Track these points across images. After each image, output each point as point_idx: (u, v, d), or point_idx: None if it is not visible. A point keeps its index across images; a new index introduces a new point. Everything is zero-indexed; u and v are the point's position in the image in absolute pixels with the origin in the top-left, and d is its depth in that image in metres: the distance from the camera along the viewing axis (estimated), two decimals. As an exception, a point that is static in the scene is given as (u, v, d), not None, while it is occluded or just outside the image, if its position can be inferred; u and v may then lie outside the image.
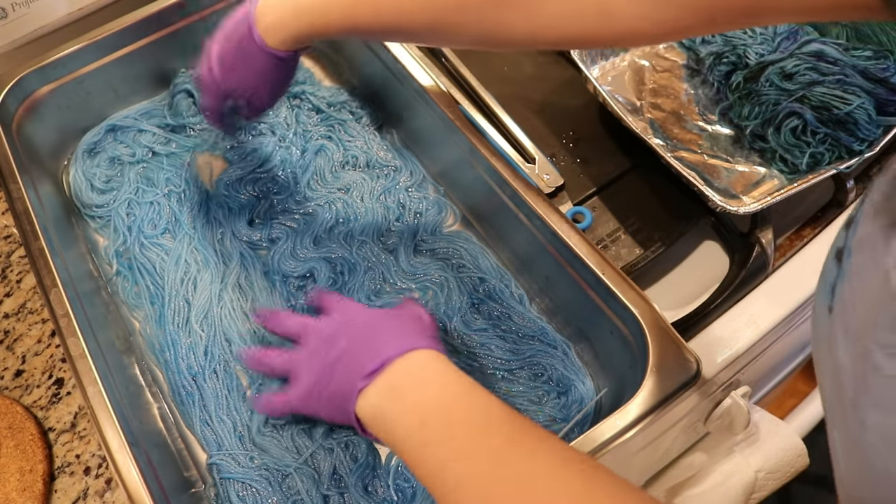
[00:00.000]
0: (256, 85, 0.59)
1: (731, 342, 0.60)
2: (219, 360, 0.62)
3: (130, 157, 0.74)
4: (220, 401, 0.60)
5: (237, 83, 0.59)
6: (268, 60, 0.57)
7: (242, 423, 0.59)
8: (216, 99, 0.61)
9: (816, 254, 0.65)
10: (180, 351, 0.62)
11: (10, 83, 0.69)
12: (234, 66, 0.58)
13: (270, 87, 0.60)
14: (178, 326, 0.64)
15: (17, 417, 0.59)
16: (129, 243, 0.68)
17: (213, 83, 0.60)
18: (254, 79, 0.58)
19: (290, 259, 0.67)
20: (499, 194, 0.64)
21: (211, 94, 0.61)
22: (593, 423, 0.52)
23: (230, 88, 0.60)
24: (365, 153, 0.75)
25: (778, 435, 0.74)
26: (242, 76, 0.58)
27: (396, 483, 0.57)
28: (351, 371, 0.46)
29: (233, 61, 0.58)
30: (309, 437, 0.58)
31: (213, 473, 0.57)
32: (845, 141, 0.63)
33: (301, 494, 0.56)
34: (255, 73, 0.58)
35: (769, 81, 0.66)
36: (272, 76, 0.59)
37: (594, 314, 0.59)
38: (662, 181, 0.67)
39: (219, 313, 0.64)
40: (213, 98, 0.61)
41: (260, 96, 0.60)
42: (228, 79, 0.59)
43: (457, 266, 0.67)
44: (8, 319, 0.65)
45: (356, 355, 0.47)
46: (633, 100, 0.73)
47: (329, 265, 0.67)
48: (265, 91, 0.60)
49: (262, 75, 0.58)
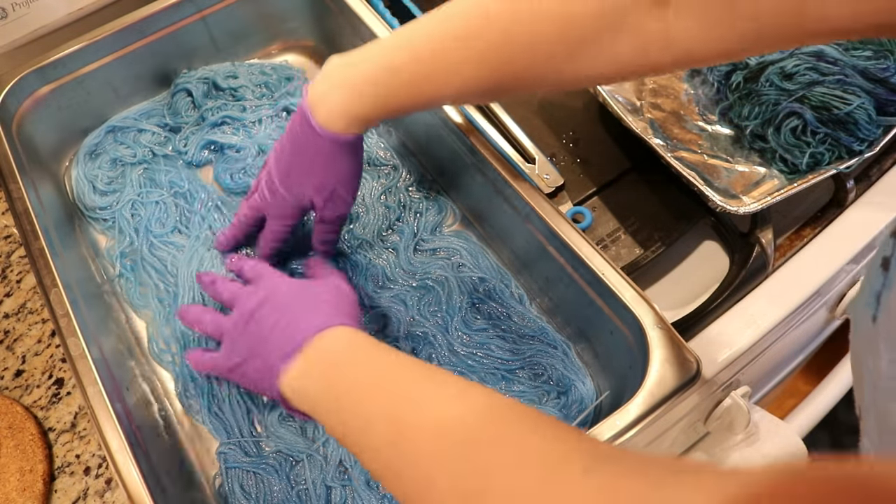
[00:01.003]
0: (329, 181, 0.56)
1: (731, 342, 0.60)
2: None
3: (132, 158, 0.74)
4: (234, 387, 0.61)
5: (308, 187, 0.56)
6: (333, 147, 0.54)
7: (257, 409, 0.60)
8: (288, 220, 0.58)
9: (816, 254, 0.65)
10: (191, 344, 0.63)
11: (10, 83, 0.69)
12: (299, 168, 0.55)
13: (344, 178, 0.56)
14: None
15: (17, 417, 0.59)
16: (137, 244, 0.68)
17: (282, 203, 0.57)
18: (325, 175, 0.55)
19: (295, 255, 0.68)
20: (499, 194, 0.64)
21: (279, 219, 0.58)
22: (593, 423, 0.52)
23: (303, 199, 0.56)
24: (365, 152, 0.75)
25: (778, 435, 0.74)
26: (311, 176, 0.55)
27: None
28: (271, 353, 0.47)
29: (297, 163, 0.55)
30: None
31: (220, 462, 0.58)
32: (845, 141, 0.63)
33: (307, 483, 0.57)
34: (324, 167, 0.55)
35: (769, 81, 0.66)
36: (343, 164, 0.55)
37: (594, 314, 0.59)
38: (662, 181, 0.67)
39: None
40: (284, 220, 0.58)
41: (338, 192, 0.57)
42: (298, 186, 0.56)
43: (457, 266, 0.67)
44: (8, 319, 0.65)
45: (276, 337, 0.48)
46: (633, 100, 0.73)
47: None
48: (340, 183, 0.56)
49: (332, 167, 0.55)
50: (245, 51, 0.83)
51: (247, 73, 0.80)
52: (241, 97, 0.78)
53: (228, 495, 0.57)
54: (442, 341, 0.63)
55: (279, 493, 0.57)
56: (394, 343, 0.63)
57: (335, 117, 0.52)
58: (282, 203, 0.57)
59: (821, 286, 0.64)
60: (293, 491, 0.57)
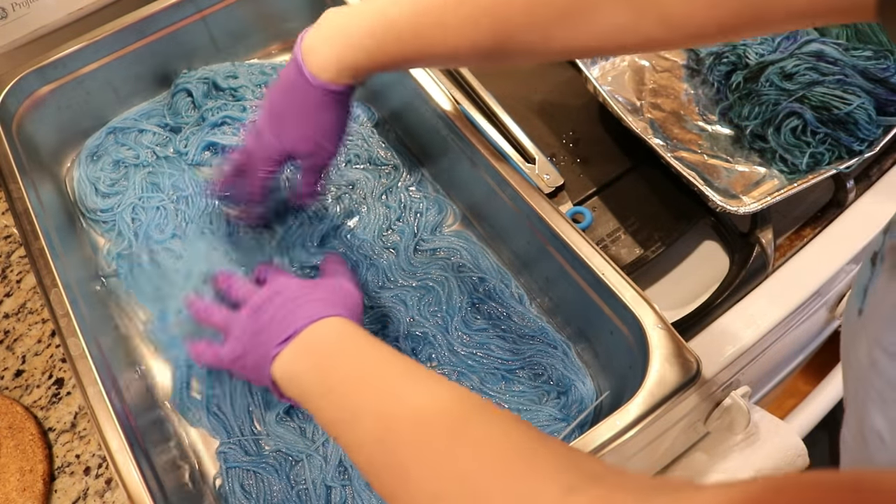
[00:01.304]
0: (315, 131, 0.56)
1: (731, 342, 0.60)
2: None
3: (134, 160, 0.74)
4: (234, 386, 0.61)
5: (294, 135, 0.56)
6: (322, 97, 0.54)
7: (257, 408, 0.60)
8: (272, 164, 0.58)
9: (816, 254, 0.65)
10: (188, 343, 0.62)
11: (10, 83, 0.69)
12: (287, 115, 0.55)
13: (330, 129, 0.57)
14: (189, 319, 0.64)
15: (17, 417, 0.59)
16: (136, 248, 0.69)
17: (267, 146, 0.57)
18: (311, 124, 0.55)
19: (300, 251, 0.68)
20: (499, 194, 0.64)
21: (265, 162, 0.58)
22: (593, 424, 0.52)
23: (288, 144, 0.57)
24: (366, 151, 0.75)
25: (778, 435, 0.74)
26: (298, 124, 0.55)
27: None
28: (268, 341, 0.49)
29: (285, 109, 0.55)
30: None
31: (220, 462, 0.58)
32: (845, 141, 0.63)
33: (307, 483, 0.57)
34: (311, 116, 0.55)
35: (769, 81, 0.66)
36: (330, 115, 0.55)
37: (594, 314, 0.59)
38: (662, 181, 0.67)
39: None
40: (269, 164, 0.58)
41: (321, 143, 0.57)
42: (284, 133, 0.56)
43: (457, 266, 0.67)
44: (8, 319, 0.65)
45: (274, 327, 0.49)
46: (633, 100, 0.73)
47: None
48: (325, 135, 0.57)
49: (319, 116, 0.55)
50: (245, 51, 0.83)
51: (247, 73, 0.80)
52: (241, 97, 0.78)
53: (229, 495, 0.57)
54: (442, 341, 0.63)
55: (279, 493, 0.57)
56: (394, 343, 0.63)
57: (327, 67, 0.52)
58: (268, 147, 0.57)
59: (821, 286, 0.64)
60: (293, 491, 0.57)
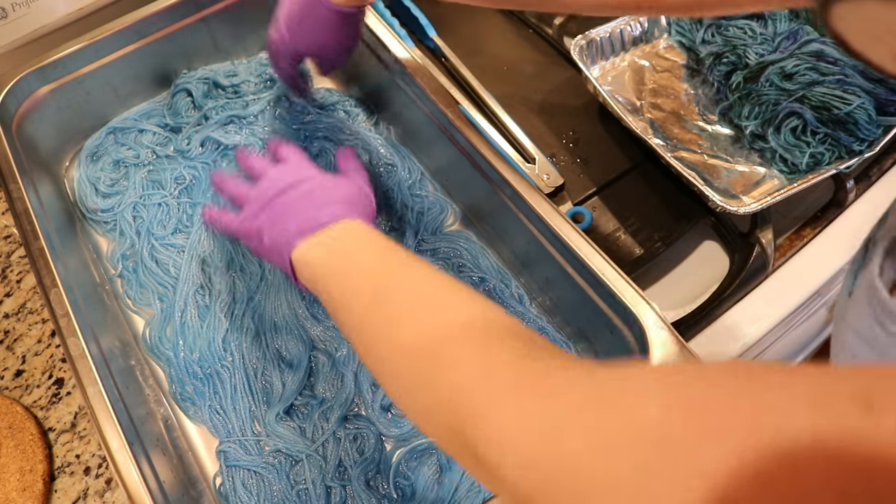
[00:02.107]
0: (324, 42, 0.63)
1: (732, 342, 0.60)
2: (235, 347, 0.63)
3: (134, 160, 0.74)
4: (237, 385, 0.61)
5: (306, 42, 0.63)
6: (333, 16, 0.61)
7: (258, 407, 0.60)
8: (288, 59, 0.66)
9: (816, 254, 0.65)
10: (189, 342, 0.63)
11: (10, 83, 0.69)
12: (301, 25, 0.62)
13: (337, 42, 0.64)
14: (191, 318, 0.64)
15: (17, 417, 0.59)
16: (138, 246, 0.69)
17: (284, 45, 0.64)
18: (321, 36, 0.63)
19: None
20: (499, 194, 0.64)
21: (282, 56, 0.66)
22: (593, 423, 0.52)
23: (300, 48, 0.64)
24: (366, 150, 0.75)
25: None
26: (310, 34, 0.63)
27: (396, 481, 0.57)
28: (290, 228, 0.51)
29: (300, 21, 0.62)
30: (326, 421, 0.59)
31: (221, 461, 0.58)
32: (845, 141, 0.63)
33: (307, 483, 0.57)
34: (323, 30, 0.62)
35: (769, 81, 0.66)
36: (338, 32, 0.63)
37: (594, 314, 0.59)
38: (662, 181, 0.67)
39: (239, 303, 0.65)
40: (285, 59, 0.66)
41: (328, 52, 0.65)
42: (297, 39, 0.63)
43: (457, 266, 0.67)
44: (8, 319, 0.65)
45: (298, 217, 0.52)
46: (633, 100, 0.73)
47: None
48: (333, 47, 0.64)
49: (329, 32, 0.62)
50: (245, 51, 0.83)
51: (246, 69, 0.80)
52: (242, 93, 0.78)
53: (229, 494, 0.57)
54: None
55: (279, 492, 0.57)
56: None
57: None
58: (286, 44, 0.65)
59: (821, 286, 0.64)
60: (293, 490, 0.57)
